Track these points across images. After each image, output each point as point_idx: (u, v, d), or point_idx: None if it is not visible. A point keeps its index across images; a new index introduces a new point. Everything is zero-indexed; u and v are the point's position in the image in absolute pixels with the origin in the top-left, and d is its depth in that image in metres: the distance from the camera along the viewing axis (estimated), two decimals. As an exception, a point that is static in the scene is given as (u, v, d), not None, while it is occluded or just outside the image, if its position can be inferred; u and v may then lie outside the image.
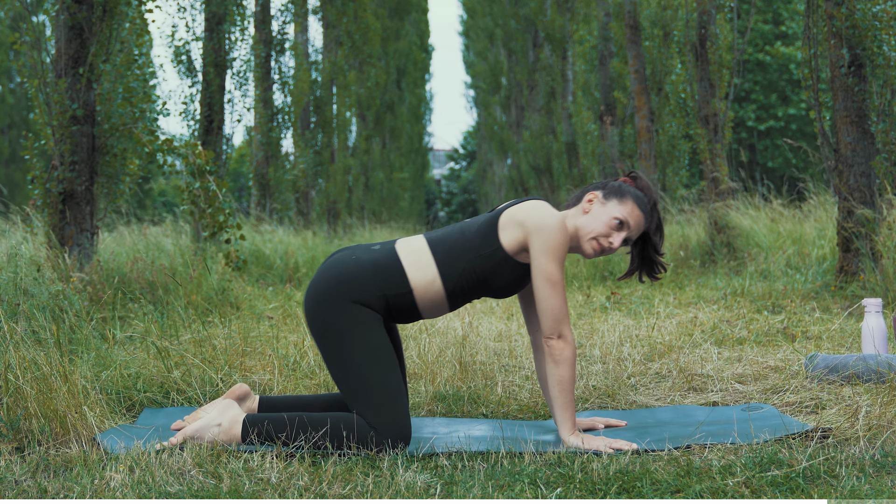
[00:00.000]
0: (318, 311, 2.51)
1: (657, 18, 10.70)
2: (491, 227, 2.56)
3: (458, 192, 46.91)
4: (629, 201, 2.59)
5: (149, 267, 5.55)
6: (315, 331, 2.53)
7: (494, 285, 2.58)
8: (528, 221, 2.51)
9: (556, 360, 2.51)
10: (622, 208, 2.57)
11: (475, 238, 2.56)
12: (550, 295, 2.49)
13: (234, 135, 23.74)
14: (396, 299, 2.52)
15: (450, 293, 2.55)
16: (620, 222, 2.56)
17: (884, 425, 2.50)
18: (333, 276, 2.52)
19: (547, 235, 2.49)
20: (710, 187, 8.47)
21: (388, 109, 24.10)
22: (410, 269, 2.54)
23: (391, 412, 2.42)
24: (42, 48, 5.46)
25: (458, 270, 2.54)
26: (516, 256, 2.55)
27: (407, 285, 2.52)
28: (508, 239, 2.54)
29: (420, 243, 2.59)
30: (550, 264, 2.49)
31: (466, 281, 2.55)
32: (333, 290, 2.50)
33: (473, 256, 2.54)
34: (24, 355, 2.69)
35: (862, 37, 5.44)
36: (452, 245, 2.57)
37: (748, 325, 4.56)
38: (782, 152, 23.26)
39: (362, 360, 2.46)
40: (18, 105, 25.35)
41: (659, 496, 2.03)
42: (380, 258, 2.55)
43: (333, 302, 2.49)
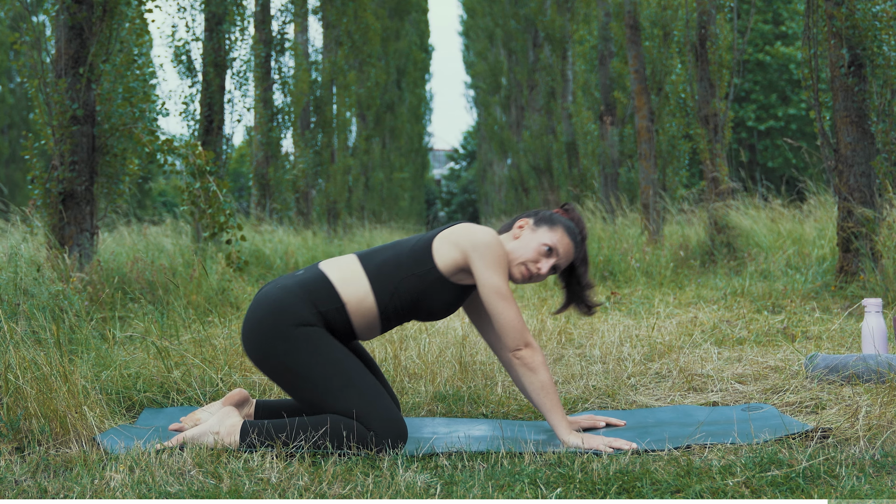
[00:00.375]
0: (260, 350, 2.47)
1: (657, 18, 10.70)
2: (425, 248, 2.55)
3: (458, 192, 46.93)
4: (559, 229, 2.61)
5: (149, 267, 5.55)
6: (267, 371, 2.49)
7: (428, 306, 2.56)
8: (463, 242, 2.52)
9: (532, 367, 2.51)
10: (552, 235, 2.59)
11: (408, 258, 2.55)
12: (505, 308, 2.49)
13: (234, 135, 23.74)
14: (331, 315, 2.48)
15: (382, 311, 2.52)
16: (550, 249, 2.57)
17: (884, 425, 2.50)
18: (264, 309, 2.48)
19: (486, 251, 2.50)
20: (710, 187, 8.47)
21: (388, 109, 24.11)
22: (340, 284, 2.51)
23: (377, 413, 2.41)
24: (42, 48, 5.46)
25: (391, 289, 2.52)
26: (451, 277, 2.54)
27: (339, 299, 2.49)
28: (443, 259, 2.53)
29: (350, 260, 2.57)
30: (496, 278, 2.50)
31: (399, 300, 2.52)
32: (268, 323, 2.45)
33: (406, 275, 2.53)
34: (24, 355, 2.69)
35: (862, 37, 5.44)
36: (384, 262, 2.55)
37: (748, 325, 4.56)
38: (782, 152, 23.26)
39: (325, 377, 2.42)
40: (18, 105, 25.35)
41: (659, 496, 2.03)
42: (306, 278, 2.53)
43: (271, 335, 2.44)
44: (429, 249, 2.55)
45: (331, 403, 2.42)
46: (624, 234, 9.22)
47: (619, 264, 7.65)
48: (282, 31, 12.60)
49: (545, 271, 2.58)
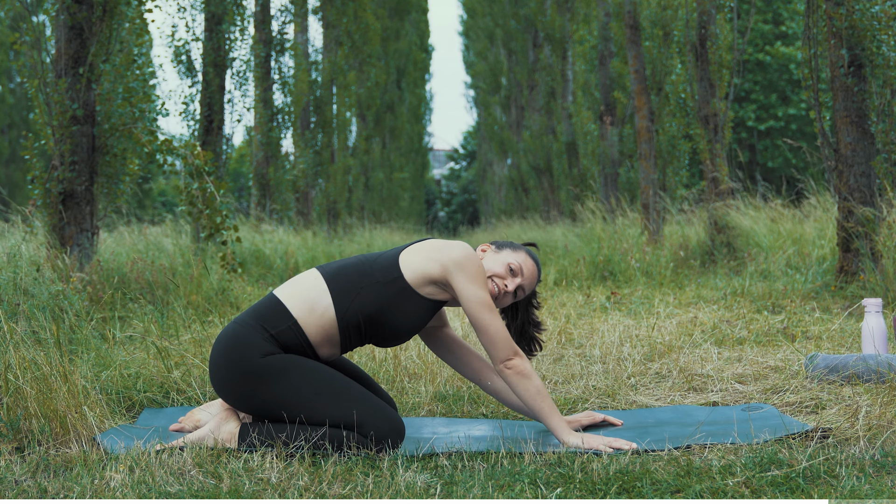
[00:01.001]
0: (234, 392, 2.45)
1: (657, 18, 10.70)
2: (391, 258, 2.54)
3: (458, 192, 46.93)
4: (522, 252, 2.64)
5: (149, 267, 5.55)
6: (249, 410, 2.48)
7: (388, 320, 2.51)
8: (442, 257, 2.50)
9: (525, 373, 2.50)
10: (516, 256, 2.62)
11: (373, 267, 2.53)
12: (492, 319, 2.49)
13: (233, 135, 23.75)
14: (284, 335, 2.45)
15: (341, 318, 2.47)
16: (513, 269, 2.59)
17: (884, 425, 2.50)
18: (221, 350, 2.47)
19: (468, 265, 2.49)
20: (710, 187, 8.47)
21: (388, 109, 24.12)
22: (289, 301, 2.48)
23: (371, 413, 2.40)
24: (42, 48, 5.46)
25: (352, 295, 2.48)
26: (419, 289, 2.51)
27: (290, 317, 2.46)
28: (412, 270, 2.50)
29: (308, 274, 2.56)
30: (481, 291, 2.49)
31: (361, 310, 2.48)
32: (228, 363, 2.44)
33: (371, 282, 2.50)
34: (24, 355, 2.69)
35: (861, 37, 5.44)
36: (348, 270, 2.53)
37: (748, 325, 4.56)
38: (782, 152, 23.26)
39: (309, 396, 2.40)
40: (18, 105, 25.36)
41: (659, 496, 2.03)
42: (258, 305, 2.53)
43: (239, 378, 2.43)
44: (395, 260, 2.53)
45: (325, 417, 2.41)
46: (624, 234, 9.22)
47: (619, 264, 7.65)
48: (282, 31, 12.60)
49: (511, 288, 2.59)
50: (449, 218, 45.63)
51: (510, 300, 2.63)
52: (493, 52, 28.33)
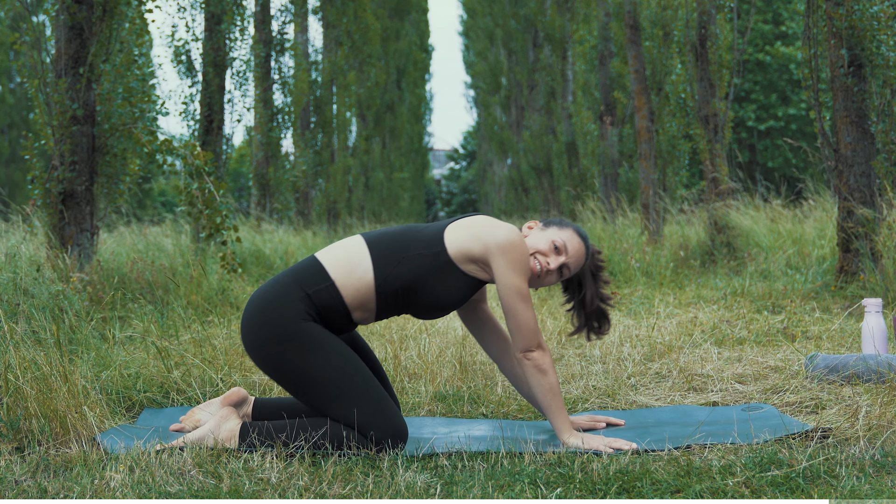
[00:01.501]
0: (261, 350, 2.45)
1: (657, 18, 10.70)
2: (436, 232, 2.53)
3: (458, 192, 46.93)
4: (569, 230, 2.60)
5: (149, 267, 5.55)
6: (268, 371, 2.47)
7: (427, 292, 2.49)
8: (485, 236, 2.48)
9: (542, 368, 2.49)
10: (561, 234, 2.58)
11: (418, 238, 2.52)
12: (523, 309, 2.47)
13: (233, 135, 23.75)
14: (319, 295, 2.44)
15: (379, 285, 2.46)
16: (557, 247, 2.56)
17: (884, 425, 2.50)
18: (256, 306, 2.47)
19: (511, 251, 2.47)
20: (710, 187, 8.47)
21: (388, 109, 24.12)
22: (329, 263, 2.48)
23: (380, 419, 2.39)
24: (42, 48, 5.46)
25: (393, 263, 2.47)
26: (460, 265, 2.50)
27: (327, 277, 2.45)
28: (456, 245, 2.49)
29: (351, 239, 2.56)
30: (518, 278, 2.47)
31: (400, 279, 2.46)
32: (262, 318, 2.44)
33: (413, 254, 2.49)
34: (24, 355, 2.69)
35: (860, 37, 5.44)
36: (392, 238, 2.52)
37: (748, 325, 4.56)
38: (782, 152, 23.26)
39: (328, 383, 2.40)
40: (18, 105, 25.36)
41: (659, 496, 2.03)
42: (297, 265, 2.53)
43: (269, 335, 2.42)
44: (441, 233, 2.52)
45: (332, 404, 2.41)
46: (624, 234, 9.22)
47: (619, 264, 7.65)
48: (282, 31, 12.60)
49: (554, 267, 2.55)
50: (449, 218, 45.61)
51: (555, 279, 2.58)
52: (493, 52, 28.33)
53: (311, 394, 2.43)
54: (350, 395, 2.41)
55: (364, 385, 2.42)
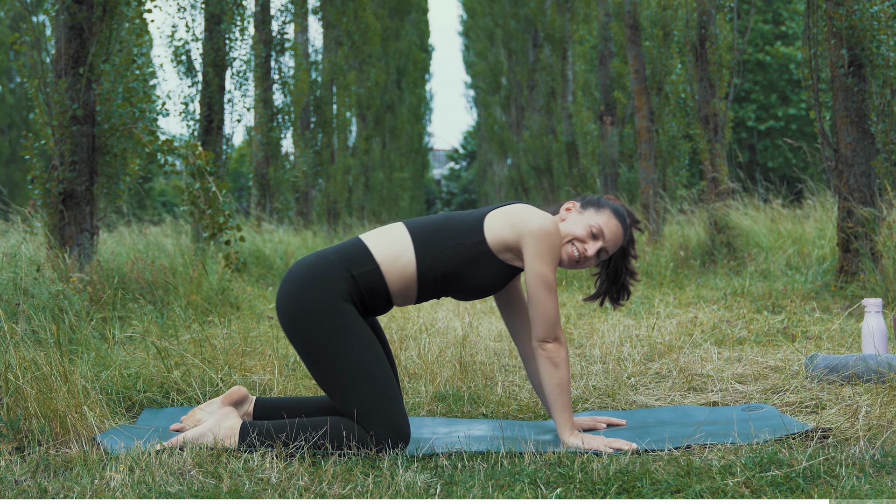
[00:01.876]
0: (294, 320, 2.46)
1: (657, 18, 10.70)
2: (477, 221, 2.55)
3: (458, 192, 46.93)
4: (606, 211, 2.59)
5: (149, 267, 5.55)
6: (296, 343, 2.48)
7: (471, 279, 2.53)
8: (520, 224, 2.50)
9: (555, 362, 2.49)
10: (598, 217, 2.57)
11: (459, 228, 2.54)
12: (546, 298, 2.47)
13: (233, 135, 23.74)
14: (364, 277, 2.47)
15: (421, 274, 2.50)
16: (594, 233, 2.56)
17: (884, 425, 2.50)
18: (299, 276, 2.48)
19: (542, 238, 2.48)
20: (710, 187, 8.47)
21: (388, 109, 24.11)
22: (375, 247, 2.51)
23: (388, 417, 2.40)
24: (42, 48, 5.46)
25: (435, 253, 2.50)
26: (499, 254, 2.53)
27: (372, 261, 2.48)
28: (494, 235, 2.52)
29: (394, 226, 2.58)
30: (546, 267, 2.48)
31: (441, 267, 2.50)
32: (304, 290, 2.45)
33: (453, 243, 2.52)
34: (24, 355, 2.69)
35: (860, 37, 5.44)
36: (434, 228, 2.55)
37: (748, 325, 4.56)
38: (782, 152, 23.26)
39: (352, 369, 2.41)
40: (18, 105, 25.36)
41: (659, 496, 2.03)
42: (343, 245, 2.56)
43: (307, 306, 2.43)
44: (481, 222, 2.54)
45: (344, 390, 2.42)
46: (624, 234, 9.20)
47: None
48: (282, 31, 12.60)
49: (591, 253, 2.56)
50: (449, 218, 45.60)
51: (593, 262, 2.59)
52: (493, 52, 28.33)
53: (328, 374, 2.43)
54: (363, 386, 2.41)
55: (381, 379, 2.43)
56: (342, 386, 2.42)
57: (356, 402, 2.41)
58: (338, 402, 2.44)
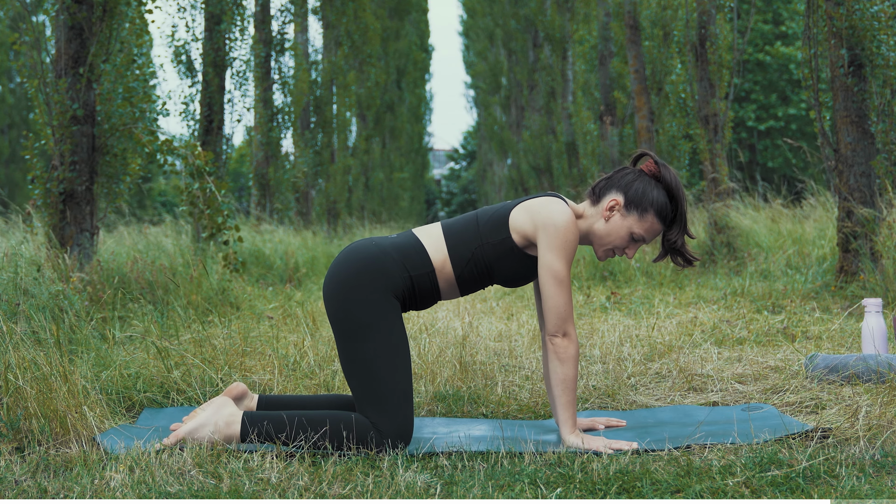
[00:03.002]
0: (343, 298, 2.49)
1: (657, 18, 10.70)
2: (503, 217, 2.58)
3: (458, 192, 46.92)
4: (650, 217, 2.55)
5: (149, 267, 5.55)
6: (337, 320, 2.51)
7: (500, 274, 2.60)
8: (537, 216, 2.52)
9: (562, 358, 2.50)
10: (642, 224, 2.56)
11: (486, 226, 2.59)
12: (556, 293, 2.49)
13: (233, 135, 23.75)
14: (420, 279, 2.54)
15: (458, 277, 2.58)
16: (635, 237, 2.58)
17: (884, 425, 2.50)
18: (359, 262, 2.52)
19: (555, 232, 2.49)
20: (710, 187, 8.47)
21: (388, 109, 24.11)
22: (431, 251, 2.57)
23: (399, 414, 2.42)
24: (42, 48, 5.46)
25: (466, 257, 2.57)
26: (525, 249, 2.57)
27: (430, 264, 2.55)
28: (518, 229, 2.55)
29: (436, 228, 2.64)
30: (558, 262, 2.49)
31: (474, 267, 2.58)
32: (360, 276, 2.50)
33: (480, 244, 2.57)
34: (24, 355, 2.69)
35: (860, 37, 5.44)
36: (464, 231, 2.60)
37: (748, 325, 4.56)
38: (782, 152, 23.26)
39: (381, 359, 2.45)
40: (18, 105, 25.36)
41: (659, 496, 2.03)
42: (401, 241, 2.59)
43: (360, 291, 2.48)
44: (506, 218, 2.57)
45: (364, 378, 2.44)
46: (624, 234, 9.20)
47: (619, 264, 7.65)
48: (282, 31, 12.60)
49: (631, 254, 2.62)
50: (449, 217, 45.60)
51: (632, 253, 2.62)
52: (493, 52, 28.33)
53: (356, 355, 2.46)
54: (388, 379, 2.43)
55: (405, 377, 2.46)
56: (367, 372, 2.44)
57: (375, 393, 2.42)
58: (356, 386, 2.46)
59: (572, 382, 2.51)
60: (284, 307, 5.57)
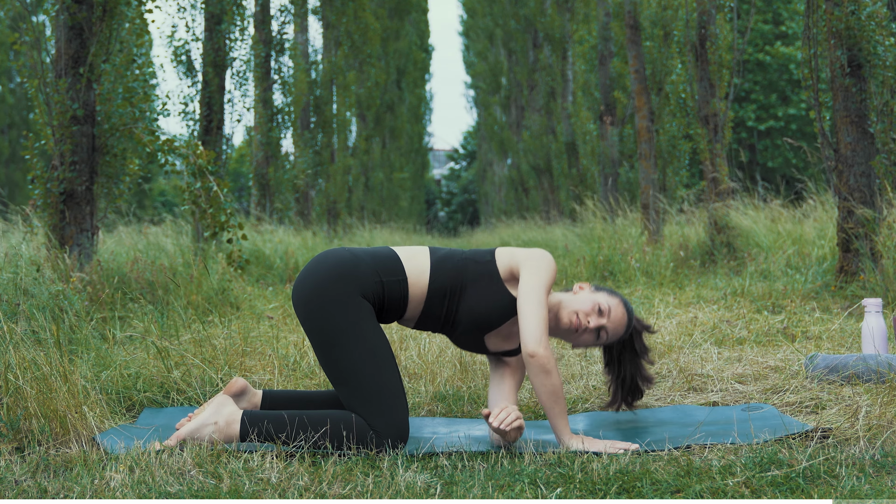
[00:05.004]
0: (317, 302, 2.49)
1: (657, 18, 10.70)
2: (490, 251, 2.67)
3: (458, 192, 46.91)
4: (617, 299, 2.67)
5: (149, 267, 5.55)
6: (312, 328, 2.51)
7: (468, 300, 2.58)
8: (520, 253, 2.62)
9: (547, 369, 2.47)
10: (609, 299, 2.65)
11: (472, 251, 2.67)
12: (533, 309, 2.50)
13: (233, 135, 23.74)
14: (391, 286, 2.55)
15: (431, 282, 2.57)
16: (601, 309, 2.62)
17: (884, 425, 2.50)
18: (331, 266, 2.53)
19: (539, 259, 2.57)
20: (710, 187, 8.47)
21: (388, 109, 24.11)
22: (406, 261, 2.60)
23: (392, 414, 2.42)
24: (42, 48, 5.46)
25: (447, 266, 2.59)
26: (504, 278, 2.59)
27: (402, 272, 2.57)
28: (502, 262, 2.61)
29: (420, 247, 2.68)
30: (539, 280, 2.54)
31: (449, 280, 2.58)
32: (333, 279, 2.50)
33: (463, 258, 2.62)
34: (24, 355, 2.69)
35: (858, 38, 5.44)
36: (451, 252, 2.66)
37: (748, 325, 4.56)
38: (782, 152, 23.27)
39: (363, 361, 2.44)
40: (18, 105, 25.36)
41: (659, 496, 2.03)
42: (376, 250, 2.63)
43: (332, 292, 2.48)
44: (493, 251, 2.66)
45: (354, 381, 2.44)
46: (624, 234, 9.22)
47: (619, 264, 7.65)
48: (281, 31, 12.60)
49: (592, 325, 2.60)
50: (449, 218, 45.60)
51: (592, 340, 2.63)
52: (493, 52, 28.32)
53: (339, 363, 2.46)
54: (374, 380, 2.44)
55: (391, 375, 2.46)
56: (352, 377, 2.44)
57: (364, 395, 2.42)
58: (345, 392, 2.45)
59: (561, 390, 2.50)
60: (284, 307, 5.57)
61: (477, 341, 2.66)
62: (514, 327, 2.67)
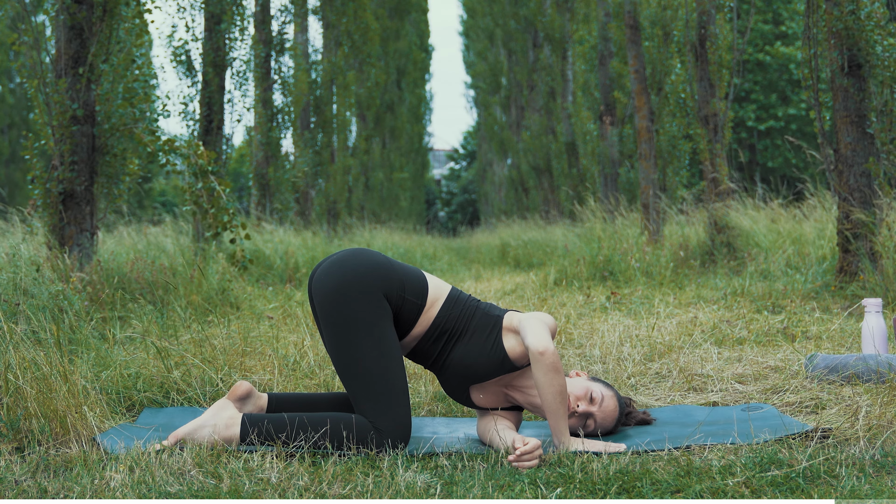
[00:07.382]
0: (344, 292, 2.49)
1: (657, 18, 10.70)
2: (504, 309, 2.69)
3: (458, 192, 46.91)
4: (611, 392, 2.68)
5: (149, 267, 5.55)
6: (332, 313, 2.50)
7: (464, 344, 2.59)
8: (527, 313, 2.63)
9: (558, 367, 2.46)
10: (603, 390, 2.66)
11: (486, 304, 2.69)
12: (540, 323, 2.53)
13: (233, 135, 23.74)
14: (408, 305, 2.57)
15: (437, 320, 2.59)
16: (593, 397, 2.62)
17: (884, 425, 2.50)
18: (367, 260, 2.55)
19: (542, 315, 2.58)
20: (710, 187, 8.47)
21: (388, 109, 24.11)
22: (431, 287, 2.63)
23: (398, 413, 2.42)
24: (42, 48, 5.46)
25: (459, 307, 2.62)
26: (504, 336, 2.59)
27: (424, 298, 2.59)
28: (509, 318, 2.62)
29: (445, 283, 2.72)
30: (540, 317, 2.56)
31: (454, 322, 2.60)
32: (367, 273, 2.51)
33: (478, 306, 2.65)
34: (24, 355, 2.69)
35: (857, 38, 5.44)
36: (470, 297, 2.70)
37: (748, 325, 4.56)
38: (782, 152, 23.27)
39: (376, 357, 2.45)
40: (18, 105, 25.36)
41: (659, 496, 2.03)
42: (406, 268, 2.64)
43: (363, 287, 2.49)
44: (506, 310, 2.68)
45: (362, 377, 2.44)
46: (624, 234, 9.21)
47: (619, 264, 7.65)
48: (281, 31, 12.59)
49: (581, 410, 2.60)
50: (449, 218, 45.61)
51: (576, 423, 2.61)
52: (493, 52, 28.31)
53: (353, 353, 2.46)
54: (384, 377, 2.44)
55: (400, 375, 2.48)
56: (365, 371, 2.45)
57: (374, 391, 2.43)
58: (353, 386, 2.45)
59: (566, 390, 2.49)
60: (284, 307, 5.57)
61: (462, 389, 2.66)
62: (498, 386, 2.67)
